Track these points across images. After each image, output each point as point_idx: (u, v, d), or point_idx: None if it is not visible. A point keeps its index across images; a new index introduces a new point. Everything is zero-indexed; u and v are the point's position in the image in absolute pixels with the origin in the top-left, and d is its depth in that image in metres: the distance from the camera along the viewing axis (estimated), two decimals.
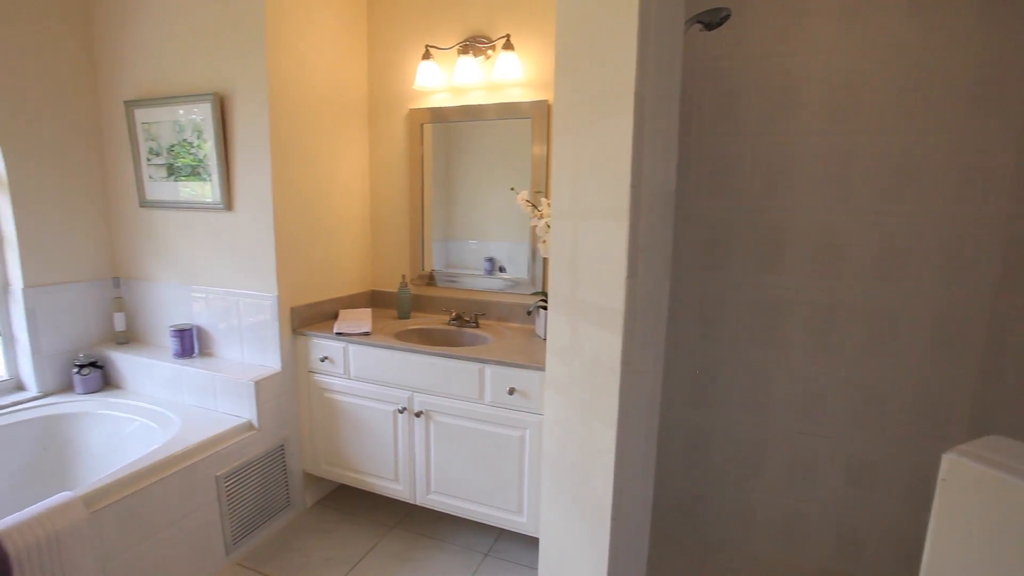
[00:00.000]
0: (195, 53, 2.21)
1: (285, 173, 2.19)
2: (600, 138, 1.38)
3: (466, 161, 2.50)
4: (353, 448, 2.28)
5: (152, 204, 2.42)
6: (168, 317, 2.50)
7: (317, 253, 2.40)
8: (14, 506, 1.88)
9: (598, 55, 1.35)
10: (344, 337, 2.19)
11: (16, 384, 2.38)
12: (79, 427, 2.27)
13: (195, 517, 1.94)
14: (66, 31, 2.35)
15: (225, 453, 2.04)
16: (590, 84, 1.37)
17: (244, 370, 2.23)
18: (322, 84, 2.35)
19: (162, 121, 2.31)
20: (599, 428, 1.47)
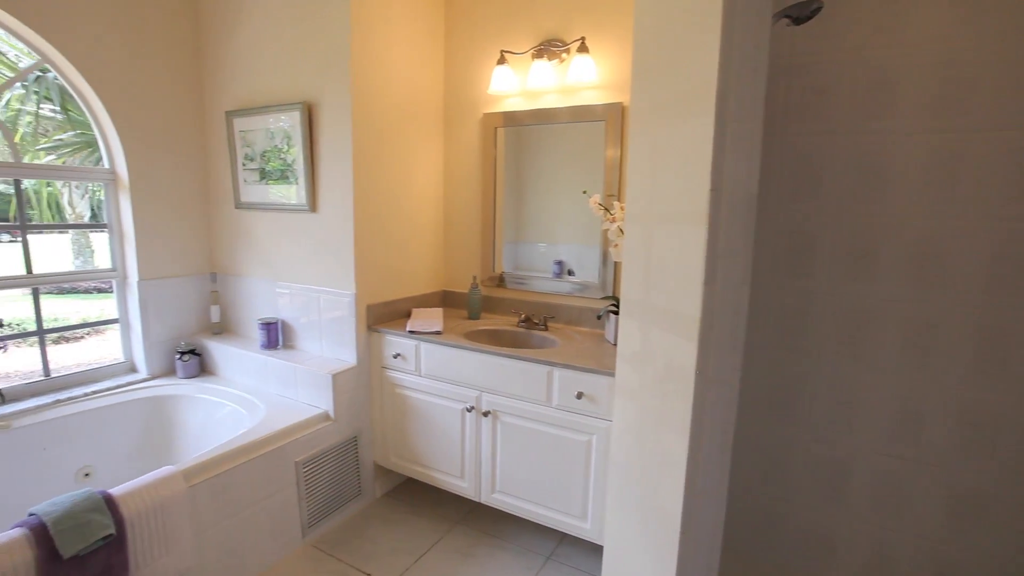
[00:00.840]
0: (287, 65, 2.37)
1: (365, 177, 2.30)
2: (679, 140, 1.34)
3: (537, 164, 2.51)
4: (421, 443, 2.35)
5: (246, 206, 2.62)
6: (256, 311, 2.68)
7: (393, 253, 2.50)
8: (128, 475, 2.09)
9: (678, 54, 1.32)
10: (416, 335, 2.27)
11: (130, 366, 2.64)
12: (180, 408, 2.48)
13: (276, 499, 2.07)
14: (179, 52, 2.59)
15: (304, 441, 2.16)
16: (669, 85, 1.34)
17: (323, 363, 2.36)
18: (401, 92, 2.44)
19: (256, 129, 2.49)
20: (670, 438, 1.43)
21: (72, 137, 6.63)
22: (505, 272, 2.65)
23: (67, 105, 6.23)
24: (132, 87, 2.43)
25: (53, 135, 6.61)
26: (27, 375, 2.38)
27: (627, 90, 2.21)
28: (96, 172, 2.50)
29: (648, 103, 1.40)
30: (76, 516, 1.49)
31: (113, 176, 2.51)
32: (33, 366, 2.56)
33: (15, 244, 10.02)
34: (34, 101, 6.20)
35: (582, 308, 2.42)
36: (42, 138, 6.49)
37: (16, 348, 2.27)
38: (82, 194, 7.40)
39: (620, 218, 2.08)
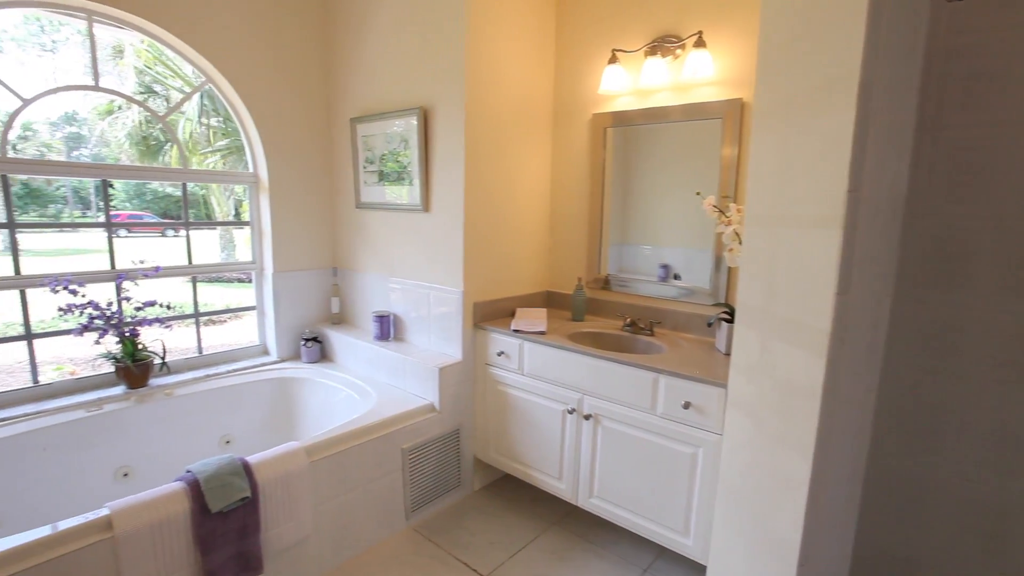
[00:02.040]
0: (406, 73, 2.51)
1: (476, 178, 2.37)
2: (812, 137, 1.23)
3: (645, 165, 2.44)
4: (521, 441, 2.38)
5: (365, 205, 2.81)
6: (371, 304, 2.87)
7: (500, 253, 2.56)
8: (259, 445, 2.33)
9: (813, 42, 1.21)
10: (520, 334, 2.30)
11: (263, 349, 2.95)
12: (303, 390, 2.72)
13: (384, 481, 2.20)
14: (312, 68, 2.84)
15: (411, 429, 2.27)
16: (801, 76, 1.24)
17: (430, 357, 2.47)
18: (512, 94, 2.49)
19: (377, 134, 2.66)
20: (791, 459, 1.32)
21: (225, 145, 7.56)
22: (610, 274, 2.60)
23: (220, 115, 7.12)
24: (273, 100, 2.71)
25: (212, 144, 7.58)
26: (184, 351, 2.74)
27: (748, 85, 2.07)
28: (243, 176, 2.81)
29: (775, 98, 1.30)
30: (222, 477, 1.69)
31: (255, 179, 2.81)
32: (188, 344, 2.94)
33: (178, 239, 11.56)
34: (200, 114, 7.17)
35: (690, 314, 2.32)
36: (204, 145, 7.47)
37: (177, 327, 2.63)
38: (228, 196, 8.40)
39: (737, 221, 1.96)
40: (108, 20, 2.30)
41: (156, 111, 2.77)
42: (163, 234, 12.62)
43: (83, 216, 13.35)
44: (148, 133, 8.12)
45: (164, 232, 12.58)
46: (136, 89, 7.48)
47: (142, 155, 8.13)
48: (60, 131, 11.08)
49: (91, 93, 2.21)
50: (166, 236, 12.58)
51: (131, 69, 7.46)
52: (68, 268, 2.30)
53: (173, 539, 1.59)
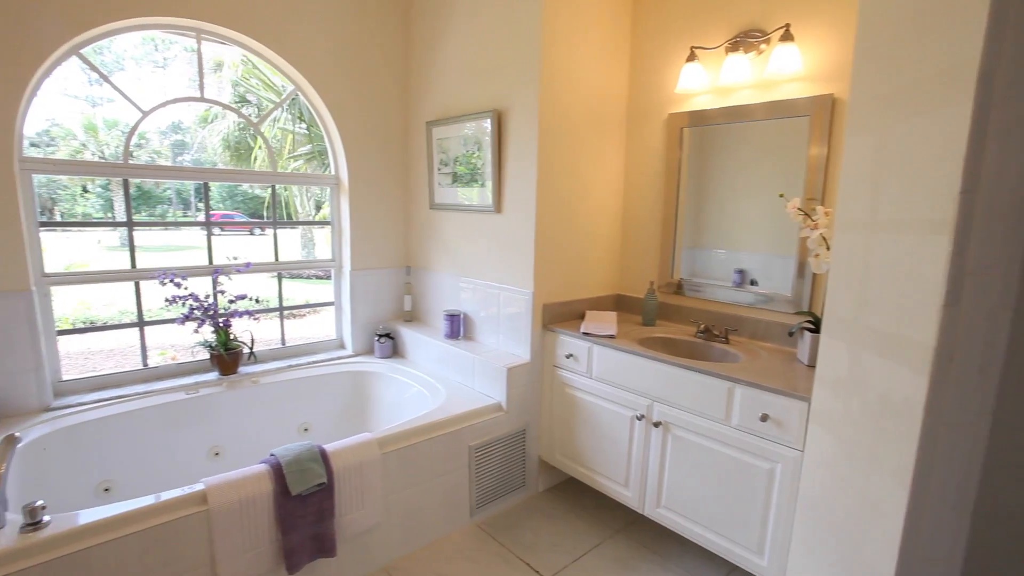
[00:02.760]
0: (481, 77, 2.55)
1: (548, 180, 2.37)
2: (917, 134, 1.13)
3: (723, 166, 2.34)
4: (587, 445, 2.35)
5: (438, 207, 2.88)
6: (442, 302, 2.94)
7: (570, 255, 2.54)
8: (334, 434, 2.45)
9: (922, 30, 1.12)
10: (590, 337, 2.27)
11: (340, 343, 3.10)
12: (376, 384, 2.84)
13: (451, 477, 2.24)
14: (391, 74, 2.96)
15: (478, 427, 2.31)
16: (907, 68, 1.14)
17: (499, 356, 2.49)
18: (586, 96, 2.47)
19: (451, 137, 2.73)
20: (884, 484, 1.22)
21: (308, 150, 8.04)
22: (683, 279, 2.52)
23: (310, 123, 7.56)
24: (355, 106, 2.84)
25: (297, 148, 8.08)
26: (267, 342, 2.93)
27: (840, 79, 1.94)
28: (325, 178, 2.97)
29: (874, 92, 1.21)
30: (301, 462, 1.79)
31: (337, 181, 2.96)
32: (272, 336, 3.13)
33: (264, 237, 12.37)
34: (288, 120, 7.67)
35: (769, 322, 2.20)
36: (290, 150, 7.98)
37: (263, 320, 2.82)
38: (309, 197, 8.91)
39: (825, 225, 1.84)
40: (214, 37, 2.51)
41: (248, 119, 3.01)
42: (251, 232, 13.59)
43: (184, 215, 14.61)
44: (241, 139, 8.76)
45: (252, 231, 13.55)
46: (232, 99, 8.09)
47: (235, 159, 8.78)
48: (167, 139, 12.19)
49: (194, 104, 2.43)
50: (253, 234, 13.53)
51: (228, 81, 8.07)
52: (171, 263, 2.53)
53: (258, 516, 1.70)
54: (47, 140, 10.65)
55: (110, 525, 1.50)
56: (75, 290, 7.36)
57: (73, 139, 11.19)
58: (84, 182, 12.21)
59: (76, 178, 11.72)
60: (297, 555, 1.78)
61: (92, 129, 11.37)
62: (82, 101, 11.42)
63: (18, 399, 2.11)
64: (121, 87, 2.41)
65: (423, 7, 2.85)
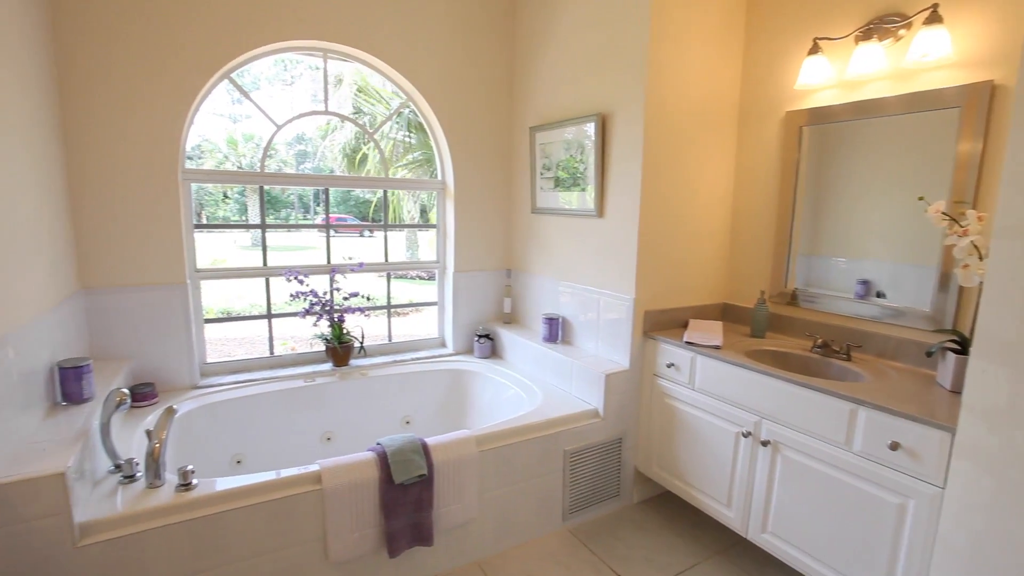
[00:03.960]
0: (585, 80, 2.54)
1: (652, 183, 2.31)
2: None
3: (846, 166, 2.14)
4: (687, 459, 2.25)
5: (540, 211, 2.91)
6: (540, 306, 2.97)
7: (674, 261, 2.46)
8: (433, 429, 2.56)
9: None
10: (693, 347, 2.18)
11: (441, 342, 3.23)
12: (474, 383, 2.92)
13: (545, 480, 2.25)
14: (496, 82, 3.04)
15: (574, 432, 2.29)
16: None
17: (596, 362, 2.47)
18: (694, 96, 2.38)
19: (554, 141, 2.75)
20: None
21: (415, 157, 8.49)
22: (797, 288, 2.34)
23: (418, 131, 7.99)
24: (462, 114, 2.96)
25: (405, 155, 8.57)
26: (373, 338, 3.12)
27: (1003, 64, 1.70)
28: (432, 183, 3.12)
29: None
30: (405, 453, 1.89)
31: (443, 186, 3.09)
32: (378, 332, 3.33)
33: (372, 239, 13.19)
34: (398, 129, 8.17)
35: (900, 340, 1.98)
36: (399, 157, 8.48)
37: (372, 316, 3.01)
38: (414, 201, 9.39)
39: (977, 231, 1.62)
40: (338, 56, 2.73)
41: (365, 128, 3.23)
42: (361, 234, 14.59)
43: (304, 218, 16.03)
44: (356, 147, 9.44)
45: (362, 233, 14.55)
46: (350, 111, 8.75)
47: (350, 167, 9.48)
48: (292, 149, 13.45)
49: (316, 116, 2.67)
50: (363, 236, 14.52)
51: (347, 95, 8.74)
52: (291, 261, 2.78)
53: (364, 500, 1.82)
54: (198, 154, 12.18)
55: (242, 493, 1.67)
56: (216, 284, 8.33)
57: (218, 152, 12.71)
58: (225, 189, 13.82)
59: (219, 185, 13.32)
60: (397, 540, 1.87)
61: (233, 143, 12.84)
62: (225, 118, 12.95)
63: (174, 377, 2.43)
64: (258, 104, 2.70)
65: (527, 17, 2.90)
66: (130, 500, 1.59)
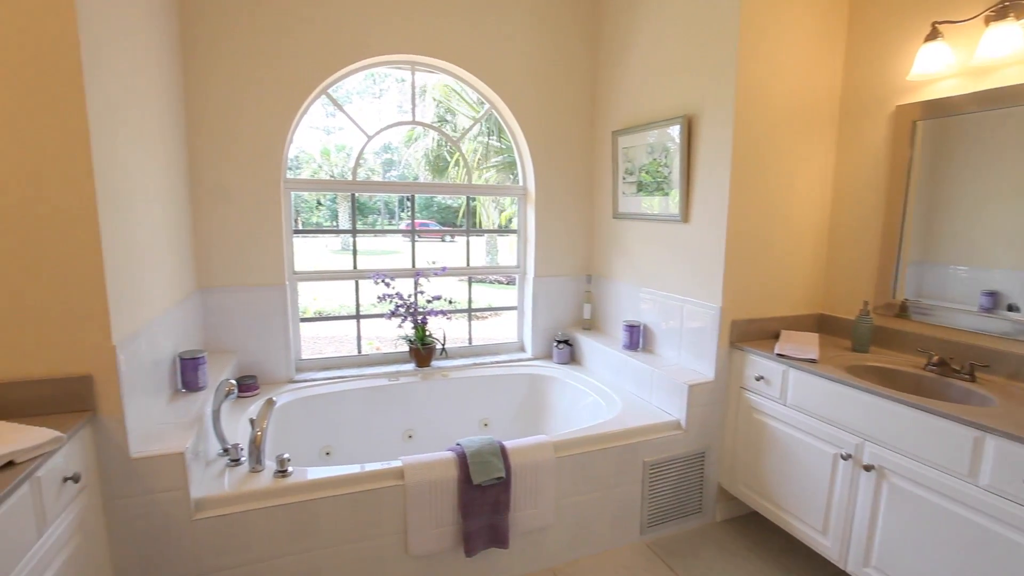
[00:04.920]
0: (670, 82, 2.47)
1: (742, 187, 2.20)
2: None
3: (970, 163, 1.92)
4: (777, 479, 2.11)
5: (622, 216, 2.86)
6: (621, 312, 2.91)
7: (765, 268, 2.32)
8: (510, 432, 2.58)
9: None
10: (786, 360, 2.05)
11: (520, 346, 3.26)
12: (552, 388, 2.91)
13: (622, 491, 2.20)
14: (578, 87, 3.03)
15: (654, 444, 2.23)
16: None
17: (679, 372, 2.38)
18: (789, 94, 2.24)
19: (637, 145, 2.69)
20: None
21: (496, 163, 8.65)
22: (907, 299, 2.13)
23: (500, 137, 8.16)
24: (544, 120, 2.97)
25: (489, 158, 8.77)
26: (453, 340, 3.19)
27: None
28: (514, 189, 3.16)
29: None
30: (483, 455, 1.92)
31: (525, 191, 3.12)
32: (457, 335, 3.40)
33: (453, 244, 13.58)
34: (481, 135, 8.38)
35: None
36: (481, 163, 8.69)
37: (453, 319, 3.09)
38: (494, 206, 9.55)
39: None
40: (425, 68, 2.84)
41: (449, 136, 3.35)
42: (443, 239, 15.06)
43: (389, 223, 16.79)
44: (439, 154, 9.77)
45: (443, 238, 15.02)
46: (433, 119, 9.07)
47: (433, 173, 9.82)
48: (379, 158, 14.16)
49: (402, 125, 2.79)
50: (444, 241, 14.98)
51: (430, 104, 9.08)
52: (376, 265, 2.92)
53: (443, 498, 1.87)
54: (296, 164, 13.15)
55: (331, 483, 1.78)
56: (308, 286, 8.93)
57: (312, 162, 13.64)
58: (318, 197, 14.79)
59: (313, 193, 14.28)
60: (474, 540, 1.91)
61: (326, 153, 13.74)
62: (320, 131, 13.87)
63: (273, 371, 2.63)
64: (351, 117, 2.87)
65: (611, 20, 2.87)
66: (236, 482, 1.74)
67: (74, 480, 1.33)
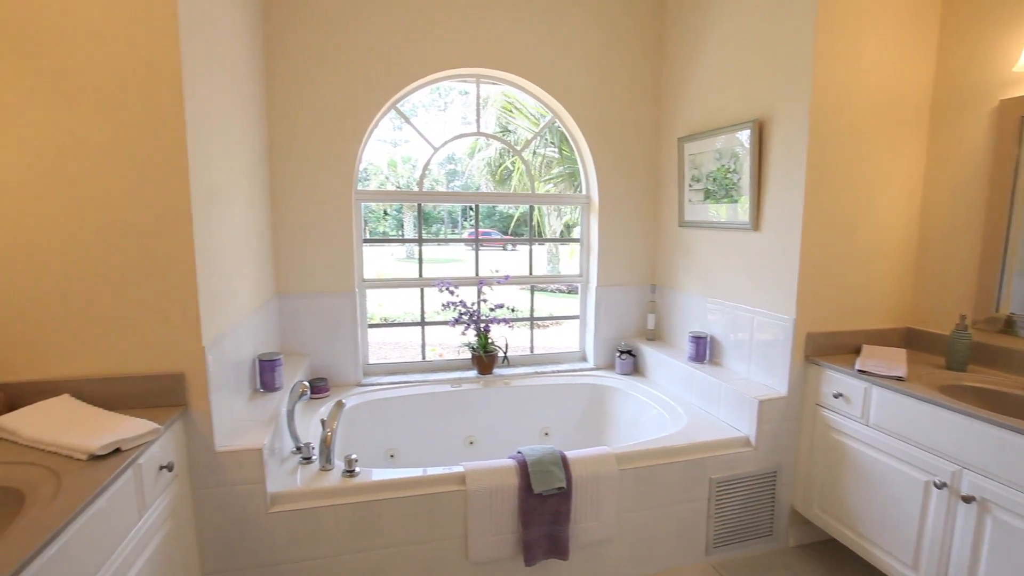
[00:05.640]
0: (739, 85, 2.39)
1: (819, 192, 2.09)
2: None
3: None
4: (858, 505, 1.97)
5: (688, 224, 2.79)
6: (686, 323, 2.82)
7: (844, 278, 2.18)
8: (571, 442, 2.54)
9: None
10: (868, 376, 1.91)
11: (582, 356, 3.23)
12: (614, 399, 2.86)
13: (687, 507, 2.12)
14: (642, 95, 2.99)
15: (721, 460, 2.14)
16: None
17: (748, 386, 2.28)
18: (872, 89, 2.10)
19: (705, 152, 2.61)
20: None
21: (558, 172, 8.66)
22: (1013, 313, 1.94)
23: (562, 147, 8.18)
24: (607, 128, 2.95)
25: (550, 169, 8.81)
26: (514, 348, 3.21)
27: None
28: (577, 198, 3.15)
29: None
30: (544, 464, 1.91)
31: (588, 200, 3.11)
32: (519, 343, 3.42)
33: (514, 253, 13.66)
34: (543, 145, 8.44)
35: None
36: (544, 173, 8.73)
37: (516, 328, 3.11)
38: (556, 215, 9.55)
39: None
40: (490, 80, 2.90)
41: (512, 147, 3.39)
42: (503, 248, 15.21)
43: (452, 232, 17.17)
44: (501, 164, 9.90)
45: (504, 247, 15.16)
46: (495, 130, 9.22)
47: (495, 183, 9.96)
48: (443, 168, 14.54)
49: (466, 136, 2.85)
50: (506, 250, 15.12)
51: (493, 115, 9.23)
52: (438, 273, 2.98)
53: (503, 505, 1.87)
54: (364, 176, 13.76)
55: (396, 485, 1.83)
56: (374, 293, 9.26)
57: (380, 173, 14.21)
58: (384, 207, 15.36)
59: (381, 204, 14.86)
60: (533, 550, 1.90)
61: (392, 165, 14.27)
62: (387, 143, 14.43)
63: (343, 374, 2.74)
64: (418, 129, 2.97)
65: (675, 25, 2.81)
66: (307, 479, 1.83)
67: (168, 469, 1.45)
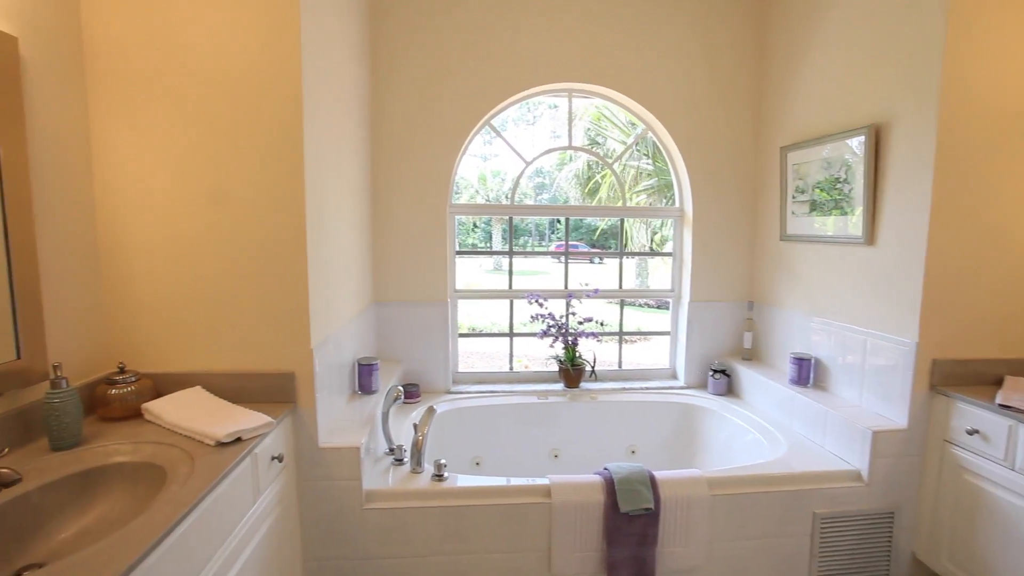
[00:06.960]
0: (852, 89, 2.21)
1: (947, 203, 1.88)
2: None
3: None
4: (1002, 562, 1.72)
5: (791, 238, 2.61)
6: (787, 343, 2.64)
7: (979, 300, 1.94)
8: (658, 462, 2.46)
9: None
10: (1013, 413, 1.67)
11: (672, 373, 3.12)
12: (706, 420, 2.73)
13: (786, 543, 1.97)
14: (740, 104, 2.87)
15: (826, 494, 1.97)
16: None
17: (859, 415, 2.08)
18: (1013, 90, 1.86)
19: (811, 161, 2.44)
20: None
21: (649, 184, 8.49)
22: None
23: (655, 158, 8.03)
24: (703, 139, 2.85)
25: (640, 182, 8.66)
26: (602, 363, 3.15)
27: None
28: (669, 211, 3.06)
29: None
30: (631, 482, 1.86)
31: (681, 213, 3.01)
32: (606, 358, 3.37)
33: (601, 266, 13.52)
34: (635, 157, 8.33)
35: None
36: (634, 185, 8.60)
37: (603, 342, 3.06)
38: (645, 228, 9.33)
39: None
40: (581, 94, 2.92)
41: (603, 159, 3.38)
42: (590, 261, 15.08)
43: (539, 245, 17.31)
44: (589, 177, 9.86)
45: (592, 259, 15.02)
46: (584, 142, 9.22)
47: (584, 196, 9.93)
48: (532, 181, 14.74)
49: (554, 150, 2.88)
50: (593, 263, 14.98)
51: (582, 128, 9.24)
52: (525, 286, 3.01)
53: (589, 522, 1.84)
54: (456, 190, 14.29)
55: (482, 492, 1.86)
56: (463, 303, 9.55)
57: (470, 187, 14.68)
58: (474, 220, 15.84)
59: (471, 216, 15.35)
60: (618, 570, 1.85)
61: (483, 179, 14.69)
62: (477, 158, 14.90)
63: (434, 381, 2.85)
64: (510, 144, 3.05)
65: (778, 31, 2.67)
66: (399, 480, 1.92)
67: (279, 460, 1.58)
